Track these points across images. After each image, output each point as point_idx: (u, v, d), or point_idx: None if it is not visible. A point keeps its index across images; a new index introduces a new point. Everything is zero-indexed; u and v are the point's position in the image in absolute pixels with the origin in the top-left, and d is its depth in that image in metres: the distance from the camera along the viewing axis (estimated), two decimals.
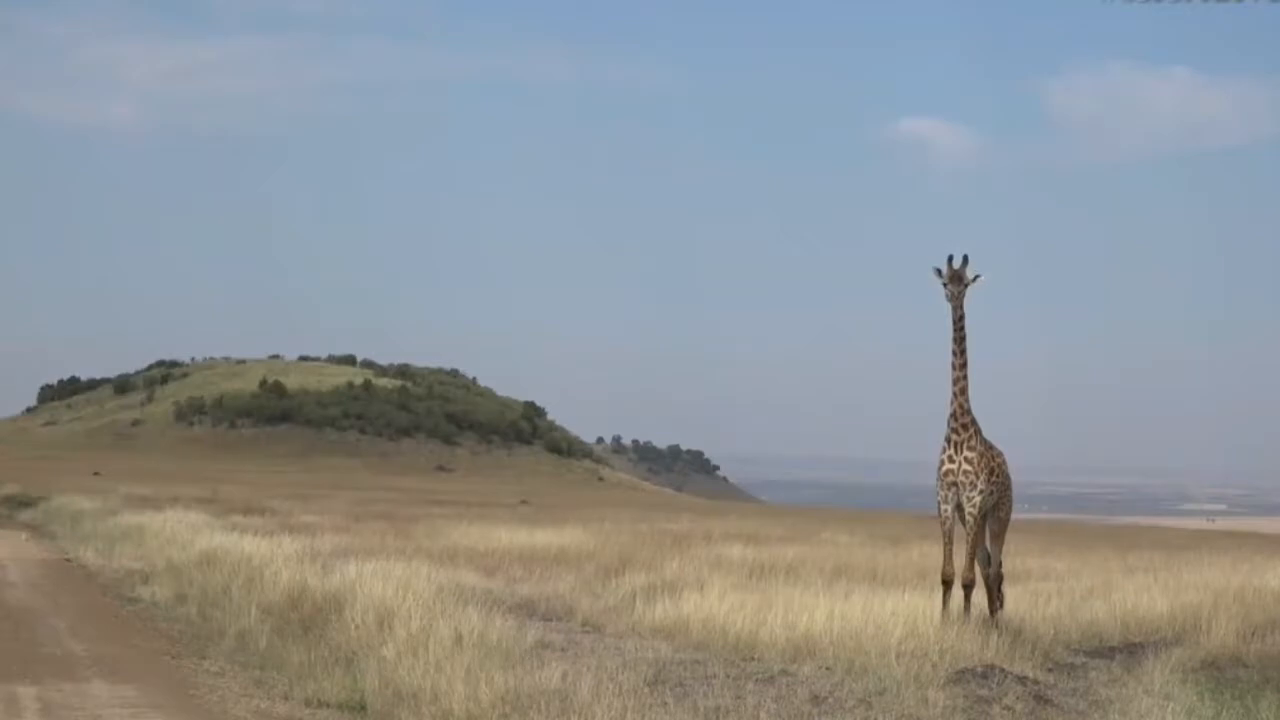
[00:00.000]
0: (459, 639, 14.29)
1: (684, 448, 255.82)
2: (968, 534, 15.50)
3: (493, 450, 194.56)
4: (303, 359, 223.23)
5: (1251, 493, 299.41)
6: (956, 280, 15.37)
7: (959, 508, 15.50)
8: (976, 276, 15.41)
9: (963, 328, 15.52)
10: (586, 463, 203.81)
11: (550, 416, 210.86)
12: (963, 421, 15.49)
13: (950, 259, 15.37)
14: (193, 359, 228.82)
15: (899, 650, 13.91)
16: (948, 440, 15.53)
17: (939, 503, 15.62)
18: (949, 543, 15.61)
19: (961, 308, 15.45)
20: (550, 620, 18.04)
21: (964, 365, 15.54)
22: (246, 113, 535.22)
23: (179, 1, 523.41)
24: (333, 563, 21.64)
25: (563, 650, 15.03)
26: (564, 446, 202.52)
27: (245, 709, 13.23)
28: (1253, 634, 16.55)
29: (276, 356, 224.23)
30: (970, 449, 15.43)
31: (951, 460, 15.46)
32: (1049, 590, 20.68)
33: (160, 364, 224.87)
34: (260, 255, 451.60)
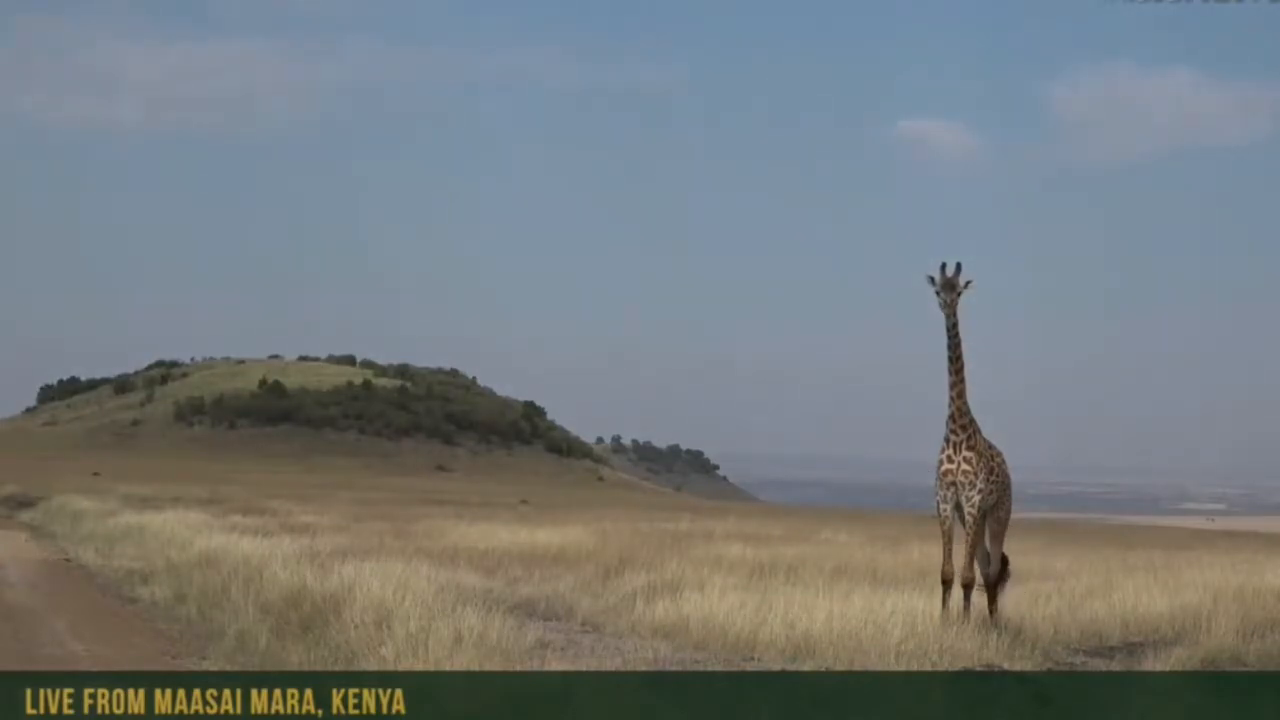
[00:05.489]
0: (458, 639, 14.28)
1: (684, 448, 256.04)
2: (967, 534, 15.49)
3: (492, 450, 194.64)
4: (302, 359, 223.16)
5: (1251, 492, 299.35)
6: (949, 289, 15.30)
7: (958, 508, 15.50)
8: (968, 283, 15.35)
9: (957, 335, 15.43)
10: (586, 463, 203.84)
11: (550, 416, 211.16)
12: (961, 422, 15.48)
13: (943, 266, 15.29)
14: (192, 359, 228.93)
15: (899, 650, 13.91)
16: (947, 440, 15.52)
17: (938, 503, 15.62)
18: (948, 543, 15.61)
19: (955, 315, 15.38)
20: (550, 620, 18.03)
21: (960, 370, 15.47)
22: (246, 113, 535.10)
23: (179, 1, 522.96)
24: (332, 563, 21.60)
25: (563, 650, 15.02)
26: (564, 446, 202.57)
27: None
28: (1253, 633, 16.55)
29: (276, 356, 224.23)
30: (969, 448, 15.43)
31: (950, 460, 15.45)
32: (1049, 590, 20.66)
33: (160, 364, 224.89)
34: (260, 255, 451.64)
